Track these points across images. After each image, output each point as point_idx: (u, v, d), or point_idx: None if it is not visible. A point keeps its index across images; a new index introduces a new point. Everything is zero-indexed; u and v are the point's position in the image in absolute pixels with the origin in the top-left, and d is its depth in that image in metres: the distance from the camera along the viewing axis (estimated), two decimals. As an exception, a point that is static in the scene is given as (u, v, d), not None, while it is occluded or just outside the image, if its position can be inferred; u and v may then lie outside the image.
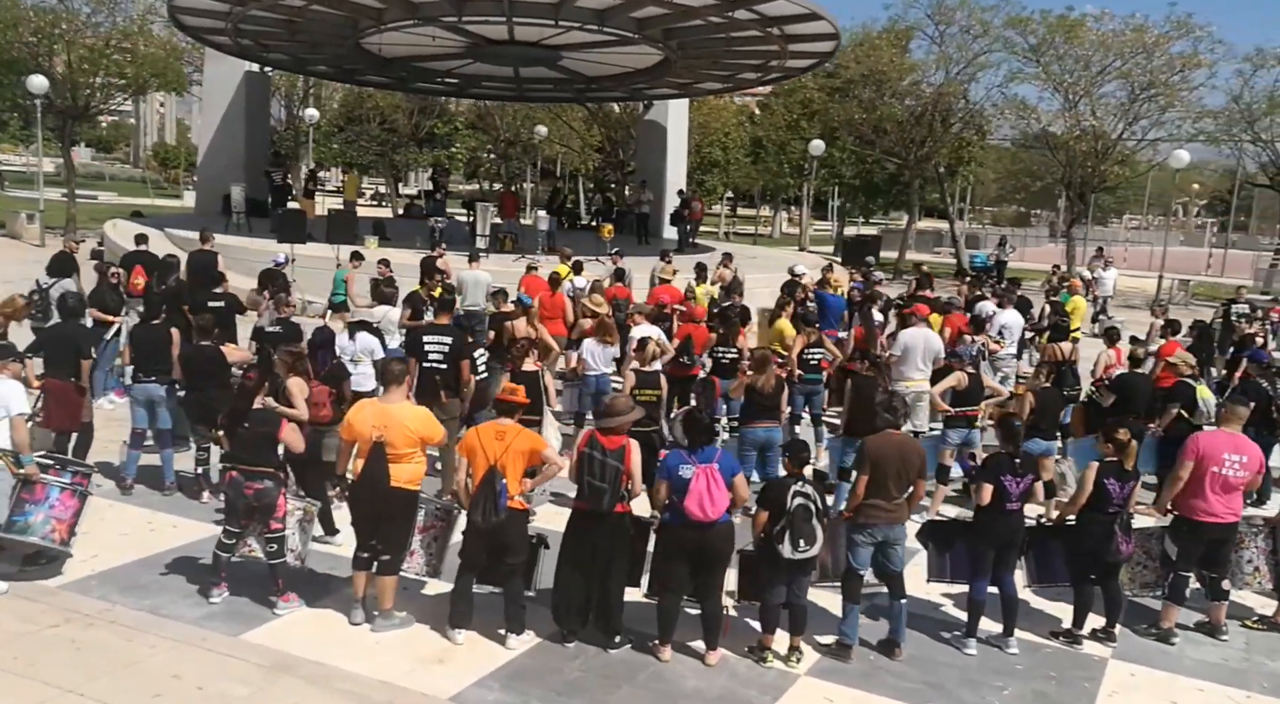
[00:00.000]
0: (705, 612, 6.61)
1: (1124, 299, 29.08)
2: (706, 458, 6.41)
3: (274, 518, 7.04)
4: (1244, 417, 7.46)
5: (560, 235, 25.00)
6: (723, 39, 24.62)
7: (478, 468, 6.50)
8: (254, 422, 6.98)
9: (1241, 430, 10.05)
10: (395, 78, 30.90)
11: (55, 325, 9.56)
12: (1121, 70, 31.60)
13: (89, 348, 9.14)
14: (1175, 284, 32.67)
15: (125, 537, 8.16)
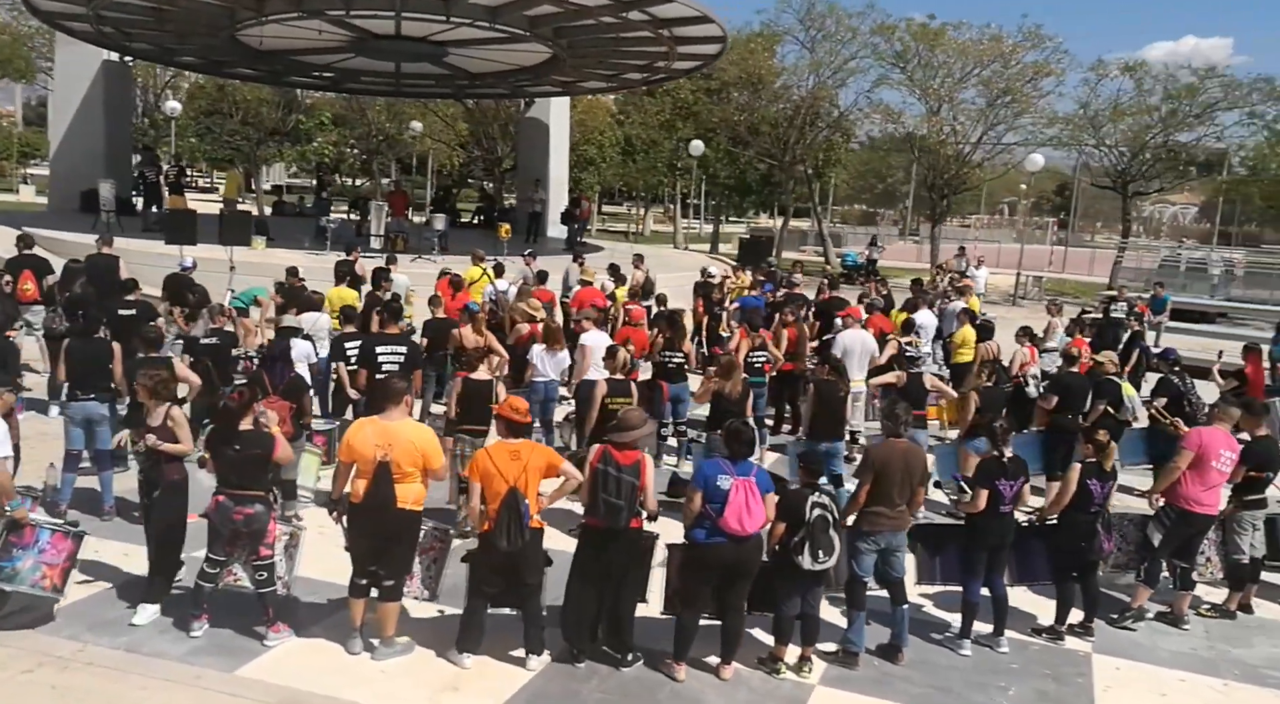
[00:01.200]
0: (727, 627, 6.58)
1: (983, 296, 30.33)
2: (745, 471, 6.38)
3: (263, 544, 6.69)
4: (1236, 416, 7.89)
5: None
6: (613, 39, 24.65)
7: (496, 490, 6.30)
8: (245, 443, 6.61)
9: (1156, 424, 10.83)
10: (267, 71, 29.69)
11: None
12: (981, 77, 33.01)
13: (16, 363, 8.52)
14: (1030, 280, 34.34)
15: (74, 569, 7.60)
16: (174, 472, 7.01)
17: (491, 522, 6.32)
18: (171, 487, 6.97)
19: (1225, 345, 19.82)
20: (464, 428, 8.81)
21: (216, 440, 6.71)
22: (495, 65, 27.07)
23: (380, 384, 6.87)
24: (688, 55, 26.01)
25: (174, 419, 6.99)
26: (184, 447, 6.98)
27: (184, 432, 7.00)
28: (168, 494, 6.95)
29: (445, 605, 7.11)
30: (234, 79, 35.44)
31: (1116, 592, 8.16)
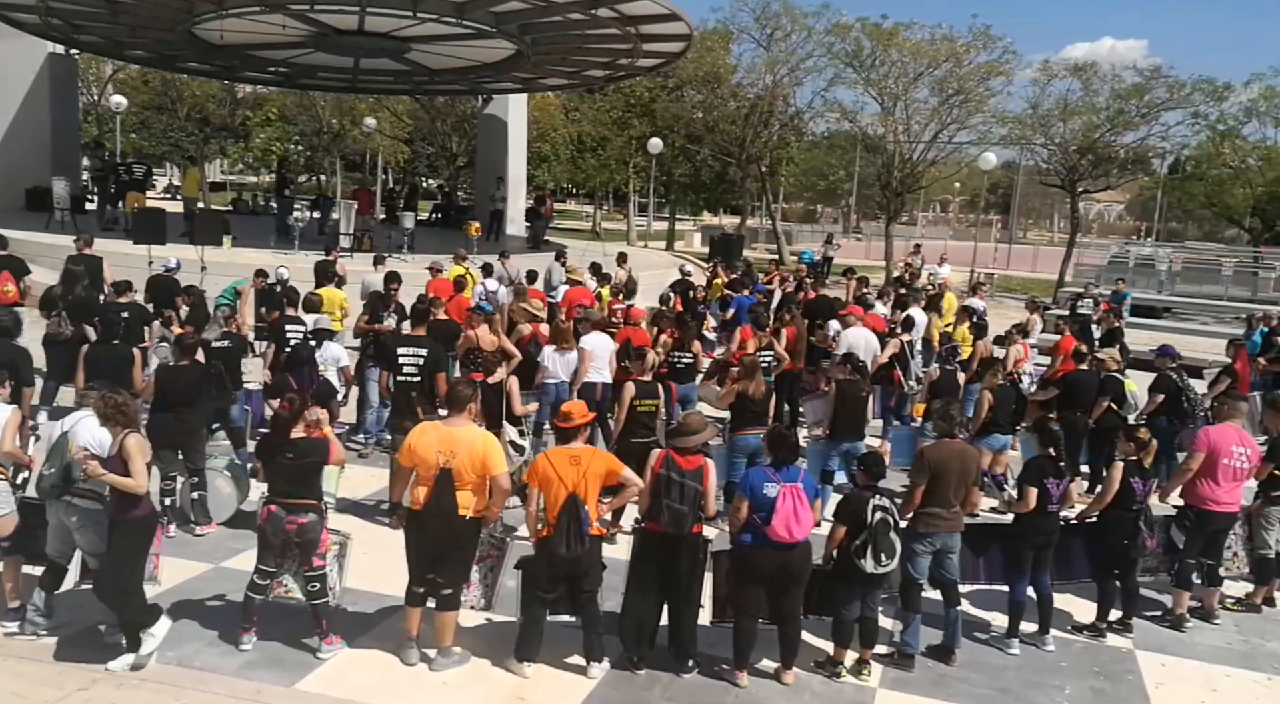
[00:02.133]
0: (785, 634, 6.55)
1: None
2: (791, 476, 6.35)
3: (316, 554, 6.52)
4: (1244, 412, 8.05)
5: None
6: (578, 36, 24.56)
7: (556, 496, 6.21)
8: (299, 450, 6.43)
9: (1155, 420, 11.03)
10: (220, 66, 29.08)
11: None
12: (936, 77, 33.43)
13: (29, 373, 8.23)
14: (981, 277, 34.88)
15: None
16: (131, 506, 6.10)
17: (551, 528, 6.23)
18: (130, 527, 6.12)
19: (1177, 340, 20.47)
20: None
21: (268, 449, 6.52)
22: (456, 61, 26.81)
23: (449, 391, 6.72)
24: (652, 53, 26.01)
25: (128, 450, 6.04)
26: (132, 483, 6.01)
27: (138, 465, 6.03)
28: (124, 535, 6.11)
29: (493, 614, 7.00)
30: (184, 74, 34.60)
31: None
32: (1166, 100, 32.32)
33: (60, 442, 6.39)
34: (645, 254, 31.81)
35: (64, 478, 6.29)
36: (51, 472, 6.29)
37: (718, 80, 36.50)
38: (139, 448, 6.04)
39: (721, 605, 6.75)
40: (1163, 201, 46.82)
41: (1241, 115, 32.36)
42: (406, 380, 8.92)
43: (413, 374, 8.93)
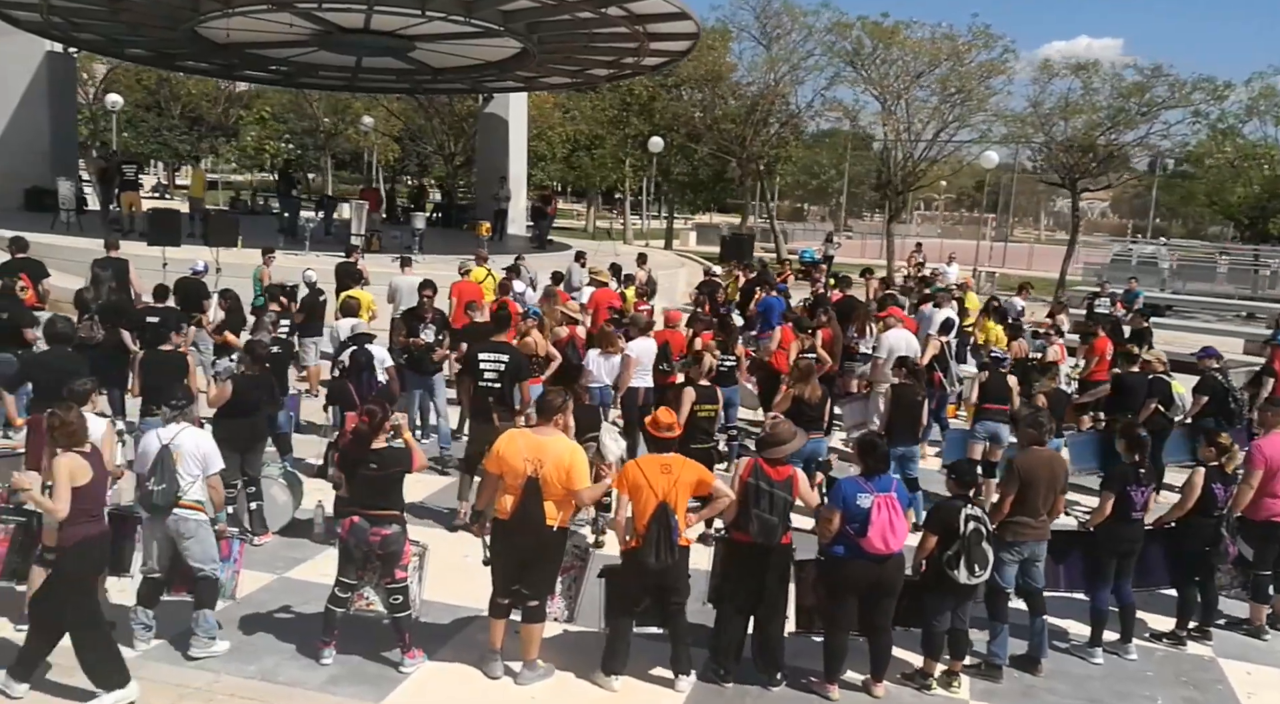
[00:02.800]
0: (876, 646, 6.41)
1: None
2: (884, 486, 6.21)
3: (399, 566, 6.36)
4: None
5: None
6: (586, 34, 24.42)
7: (646, 505, 6.07)
8: (381, 461, 6.27)
9: (1201, 421, 10.97)
10: (220, 65, 28.79)
11: (44, 353, 8.33)
12: (940, 77, 33.42)
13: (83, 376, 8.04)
14: (983, 275, 34.90)
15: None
16: (82, 524, 5.66)
17: (640, 538, 6.08)
18: (76, 550, 5.69)
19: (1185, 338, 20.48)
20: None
21: (350, 460, 6.36)
22: (460, 60, 26.64)
23: (539, 398, 6.58)
24: (658, 52, 25.89)
25: (55, 472, 5.61)
26: (52, 506, 5.59)
27: (61, 489, 5.55)
28: (72, 559, 5.70)
29: (572, 625, 6.86)
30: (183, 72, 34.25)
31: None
32: (1167, 99, 32.39)
33: (164, 456, 6.24)
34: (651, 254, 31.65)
35: (174, 493, 6.18)
36: (162, 488, 6.17)
37: (718, 79, 36.38)
38: (66, 471, 5.60)
39: (808, 616, 6.63)
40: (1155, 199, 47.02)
41: (1243, 113, 32.48)
42: (487, 386, 8.76)
43: (494, 380, 8.74)
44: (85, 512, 5.66)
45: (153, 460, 6.23)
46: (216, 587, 6.44)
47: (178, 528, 6.27)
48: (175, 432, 6.35)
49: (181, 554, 6.35)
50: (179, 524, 6.26)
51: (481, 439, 8.55)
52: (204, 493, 6.39)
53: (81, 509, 5.62)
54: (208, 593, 6.37)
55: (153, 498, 6.19)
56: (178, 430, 6.36)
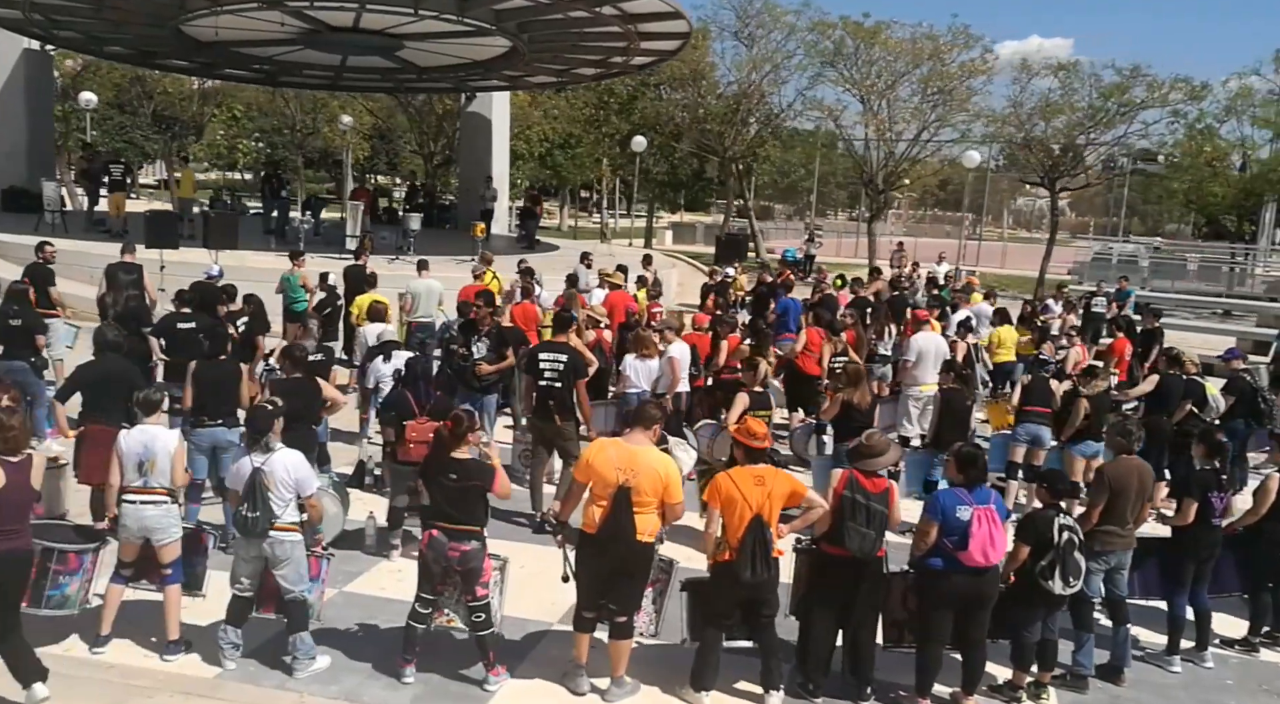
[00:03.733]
0: (969, 659, 6.31)
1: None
2: (983, 498, 6.12)
3: (479, 583, 6.19)
4: None
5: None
6: (576, 33, 24.25)
7: (741, 518, 5.93)
8: (462, 473, 6.10)
9: (1230, 422, 11.03)
10: (202, 63, 28.28)
11: (96, 361, 8.09)
12: (923, 76, 33.53)
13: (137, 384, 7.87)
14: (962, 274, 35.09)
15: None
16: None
17: (734, 551, 5.95)
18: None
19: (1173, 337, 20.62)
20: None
21: (431, 470, 6.18)
22: (446, 59, 26.34)
23: (637, 408, 6.44)
24: (648, 51, 25.76)
25: None
26: None
27: None
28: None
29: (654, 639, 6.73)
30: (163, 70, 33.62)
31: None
32: (1146, 99, 32.71)
33: (256, 481, 6.05)
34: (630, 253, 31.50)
35: (269, 520, 6.01)
36: (256, 514, 5.99)
37: (699, 78, 36.30)
38: None
39: (898, 629, 6.53)
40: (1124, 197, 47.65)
41: (1222, 113, 32.85)
42: (547, 385, 8.81)
43: (553, 379, 8.79)
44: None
45: (244, 485, 6.05)
46: (307, 608, 6.27)
47: (273, 551, 6.11)
48: (268, 456, 6.15)
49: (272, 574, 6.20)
50: (274, 548, 6.11)
51: (540, 437, 8.54)
52: (298, 514, 6.21)
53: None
54: (300, 615, 6.21)
55: (246, 522, 6.01)
56: (271, 454, 6.16)
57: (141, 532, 6.26)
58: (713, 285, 16.75)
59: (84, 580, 6.25)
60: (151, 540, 6.29)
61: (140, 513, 6.24)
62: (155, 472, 6.28)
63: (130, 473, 6.26)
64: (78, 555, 6.20)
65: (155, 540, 6.29)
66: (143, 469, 6.26)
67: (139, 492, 6.25)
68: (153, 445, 6.30)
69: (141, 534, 6.26)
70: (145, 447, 6.29)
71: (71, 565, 6.16)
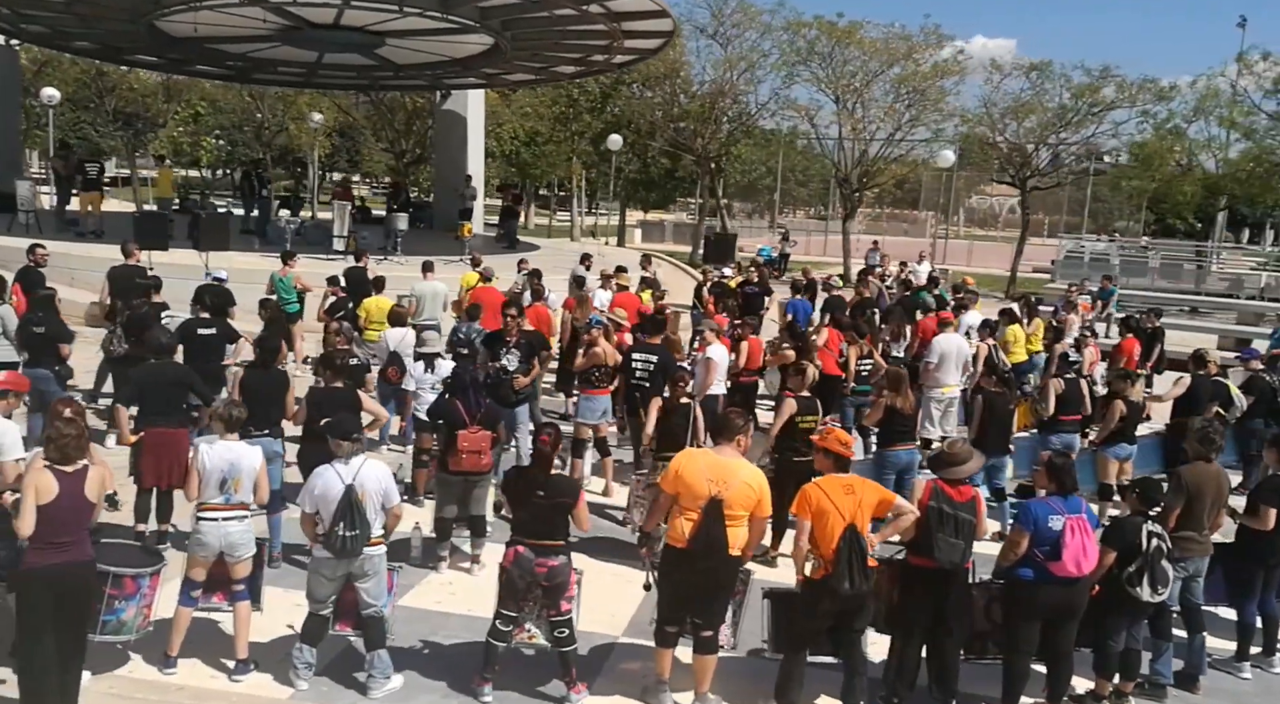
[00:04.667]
0: (1055, 670, 6.22)
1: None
2: (1074, 508, 6.03)
3: (564, 598, 6.02)
4: None
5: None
6: (559, 31, 24.04)
7: (833, 528, 5.79)
8: (551, 489, 5.92)
9: (1249, 421, 11.10)
10: (172, 59, 27.66)
11: (151, 366, 7.84)
12: (898, 76, 33.69)
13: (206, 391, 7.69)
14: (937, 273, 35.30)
15: (292, 626, 6.71)
16: (36, 549, 5.24)
17: (829, 564, 5.83)
18: (18, 577, 5.31)
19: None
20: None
21: (521, 484, 6.00)
22: (425, 57, 26.01)
23: (720, 418, 6.29)
24: (630, 49, 25.60)
25: (24, 487, 5.31)
26: (16, 523, 5.26)
27: (27, 505, 5.20)
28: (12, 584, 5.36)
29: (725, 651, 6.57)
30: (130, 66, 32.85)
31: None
32: (1116, 99, 33.14)
33: (350, 497, 5.80)
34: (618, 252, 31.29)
35: (367, 537, 5.80)
36: (355, 533, 5.75)
37: (674, 75, 36.18)
38: (33, 487, 5.19)
39: (980, 641, 6.43)
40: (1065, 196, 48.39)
41: (1190, 113, 33.34)
42: (639, 383, 9.49)
43: (643, 378, 9.40)
44: (42, 536, 5.16)
45: (337, 504, 5.79)
46: (384, 624, 6.05)
47: (362, 566, 5.91)
48: (357, 467, 5.92)
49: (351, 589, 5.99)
50: (364, 563, 5.91)
51: (636, 435, 8.97)
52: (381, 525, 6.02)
53: (41, 533, 5.15)
54: (378, 632, 6.02)
55: (344, 543, 5.76)
56: (359, 464, 5.93)
57: (223, 548, 6.05)
58: (712, 286, 16.59)
59: (142, 605, 5.96)
60: (229, 557, 6.08)
61: (224, 529, 6.04)
62: (240, 490, 6.08)
63: (211, 490, 6.06)
64: (134, 579, 5.90)
65: (234, 557, 6.09)
66: (225, 486, 6.06)
67: (221, 508, 6.06)
68: (239, 464, 6.12)
69: (221, 551, 6.05)
70: (231, 464, 6.09)
71: (128, 590, 5.87)
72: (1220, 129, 33.98)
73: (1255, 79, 32.42)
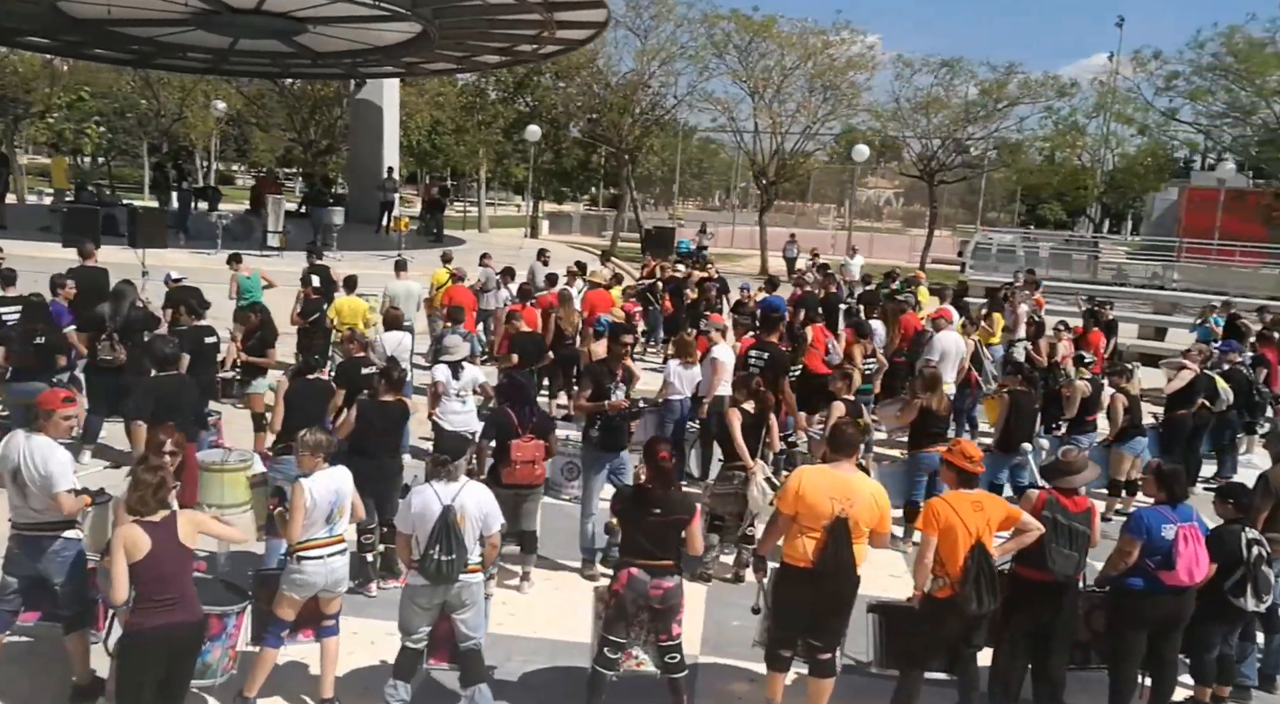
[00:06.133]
0: (1160, 678, 6.17)
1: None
2: (1186, 516, 6.00)
3: (675, 621, 5.75)
4: None
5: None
6: (488, 20, 23.53)
7: (960, 546, 5.62)
8: (667, 507, 5.63)
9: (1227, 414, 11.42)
10: (68, 42, 26.10)
11: (158, 380, 7.19)
12: (815, 70, 33.98)
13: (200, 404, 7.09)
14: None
15: (352, 654, 6.28)
16: (140, 609, 4.84)
17: (956, 583, 5.64)
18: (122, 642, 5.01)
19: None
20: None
21: (635, 504, 5.69)
22: (346, 44, 25.14)
23: (834, 431, 6.06)
24: (561, 40, 25.22)
25: (112, 545, 4.94)
26: (109, 588, 4.91)
27: (117, 565, 4.78)
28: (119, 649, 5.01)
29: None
30: (21, 49, 30.85)
31: None
32: (1021, 96, 34.17)
33: (448, 519, 5.37)
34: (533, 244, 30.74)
35: (464, 564, 5.38)
36: (452, 558, 5.32)
37: (589, 66, 35.84)
38: (120, 543, 4.75)
39: (1083, 650, 6.37)
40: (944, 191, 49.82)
41: (1091, 110, 34.66)
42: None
43: (755, 373, 9.05)
44: (145, 596, 4.75)
45: (434, 526, 5.37)
46: (482, 656, 5.68)
47: (460, 596, 5.50)
48: (458, 488, 5.52)
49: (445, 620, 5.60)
50: (462, 592, 5.50)
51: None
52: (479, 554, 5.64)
53: (143, 592, 4.75)
54: (477, 665, 5.62)
55: (439, 568, 5.33)
56: (460, 486, 5.53)
57: (329, 585, 5.62)
58: (667, 281, 16.35)
59: (227, 646, 5.47)
60: (325, 593, 5.65)
61: (331, 566, 5.61)
62: (343, 516, 5.68)
63: (318, 526, 5.59)
64: (220, 618, 5.42)
65: (334, 592, 5.68)
66: (331, 517, 5.62)
67: (326, 543, 5.61)
68: (342, 491, 5.68)
69: (324, 588, 5.62)
70: (337, 493, 5.66)
71: (213, 630, 5.37)
72: (1117, 125, 35.49)
73: (1148, 77, 33.92)
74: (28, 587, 5.57)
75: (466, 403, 8.76)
